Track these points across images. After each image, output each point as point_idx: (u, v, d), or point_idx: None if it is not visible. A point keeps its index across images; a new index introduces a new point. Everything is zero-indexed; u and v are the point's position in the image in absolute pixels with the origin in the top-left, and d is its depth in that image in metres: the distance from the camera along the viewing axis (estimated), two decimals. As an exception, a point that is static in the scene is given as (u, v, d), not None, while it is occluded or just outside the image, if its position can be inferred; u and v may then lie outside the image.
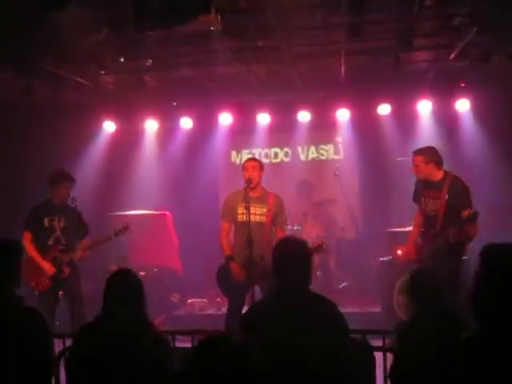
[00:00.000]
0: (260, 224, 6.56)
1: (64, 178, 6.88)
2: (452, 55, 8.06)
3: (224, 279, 6.58)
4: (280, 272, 3.73)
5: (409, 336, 3.96)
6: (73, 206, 6.74)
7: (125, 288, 3.64)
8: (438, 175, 6.44)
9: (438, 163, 6.47)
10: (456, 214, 6.02)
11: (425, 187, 6.57)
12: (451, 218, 6.15)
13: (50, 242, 6.81)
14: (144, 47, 7.24)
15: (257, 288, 6.35)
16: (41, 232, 6.82)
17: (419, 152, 6.55)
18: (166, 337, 3.82)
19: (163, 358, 3.53)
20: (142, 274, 8.99)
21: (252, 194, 6.53)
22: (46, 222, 6.82)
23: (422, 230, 6.71)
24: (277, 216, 6.68)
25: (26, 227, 6.81)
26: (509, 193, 8.94)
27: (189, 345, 4.72)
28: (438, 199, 6.36)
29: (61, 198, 6.87)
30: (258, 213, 6.57)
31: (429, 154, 6.49)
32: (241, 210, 6.58)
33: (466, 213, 5.85)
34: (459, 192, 6.27)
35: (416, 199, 6.79)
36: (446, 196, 6.29)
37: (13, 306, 3.59)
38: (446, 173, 6.45)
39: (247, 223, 6.38)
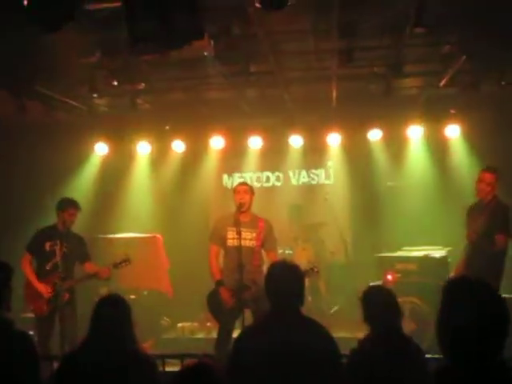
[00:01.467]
0: (250, 248, 6.56)
1: (70, 206, 6.95)
2: (442, 82, 8.13)
3: (214, 304, 6.56)
4: (273, 295, 3.76)
5: (358, 357, 3.89)
6: (78, 234, 6.97)
7: (113, 314, 3.64)
8: None
9: None
10: None
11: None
12: None
13: (48, 267, 6.81)
14: (137, 71, 7.29)
15: (247, 312, 6.35)
16: (41, 256, 6.86)
17: (494, 170, 6.74)
18: (153, 360, 3.82)
19: (151, 379, 3.53)
20: (133, 297, 8.97)
21: (242, 219, 6.53)
22: (48, 246, 6.84)
23: None
24: (267, 240, 6.70)
25: (28, 248, 6.91)
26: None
27: (178, 368, 4.70)
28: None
29: (64, 224, 6.92)
30: (248, 237, 6.57)
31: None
32: (231, 234, 6.58)
33: None
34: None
35: None
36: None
37: (5, 329, 3.58)
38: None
39: (238, 248, 6.39)
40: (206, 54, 6.20)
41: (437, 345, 2.22)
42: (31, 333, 6.82)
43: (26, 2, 4.06)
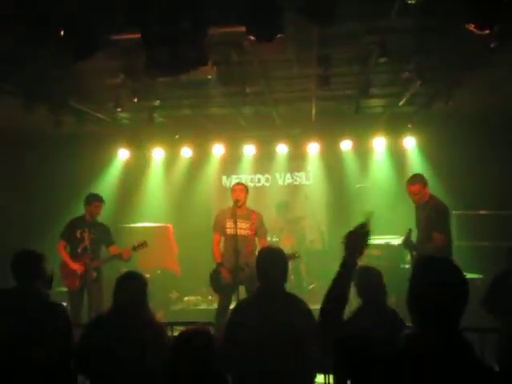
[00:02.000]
0: (245, 237, 6.60)
1: (95, 199, 7.00)
2: (401, 102, 8.16)
3: (215, 280, 6.62)
4: (262, 274, 3.79)
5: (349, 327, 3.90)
6: (103, 223, 7.08)
7: (132, 285, 3.65)
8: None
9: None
10: None
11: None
12: None
13: (79, 250, 6.84)
14: (153, 90, 7.30)
15: (242, 289, 6.38)
16: (73, 241, 6.88)
17: (415, 180, 6.27)
18: (163, 326, 3.88)
19: (160, 338, 3.58)
20: (148, 275, 8.93)
21: (238, 212, 6.58)
22: (78, 233, 6.87)
23: None
24: (258, 229, 6.73)
25: (62, 236, 6.92)
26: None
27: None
28: None
29: (91, 215, 6.97)
30: (243, 227, 6.62)
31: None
32: (229, 224, 6.62)
33: None
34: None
35: None
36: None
37: (39, 300, 3.58)
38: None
39: (234, 236, 6.42)
40: (209, 77, 6.21)
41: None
42: (64, 304, 6.85)
43: (62, 33, 4.07)
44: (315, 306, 3.78)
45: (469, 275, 7.47)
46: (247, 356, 3.49)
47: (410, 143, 9.65)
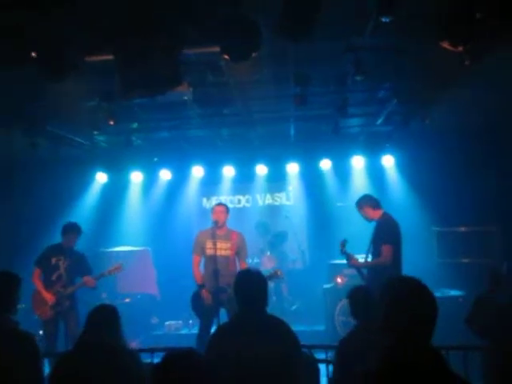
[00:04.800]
0: (226, 257, 6.51)
1: (72, 230, 6.89)
2: (379, 121, 8.19)
3: (196, 303, 6.49)
4: (241, 299, 3.67)
5: (346, 349, 3.84)
6: (79, 251, 6.94)
7: (101, 320, 3.57)
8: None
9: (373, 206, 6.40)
10: None
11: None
12: None
13: (53, 278, 6.70)
14: (131, 113, 7.23)
15: (222, 312, 6.26)
16: (47, 268, 6.75)
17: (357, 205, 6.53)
18: (135, 351, 3.79)
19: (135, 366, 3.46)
20: (127, 300, 8.82)
21: (219, 232, 6.50)
22: (53, 260, 6.75)
23: None
24: (240, 250, 6.64)
25: (36, 264, 6.78)
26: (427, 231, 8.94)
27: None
28: None
29: (68, 243, 6.85)
30: (223, 247, 6.52)
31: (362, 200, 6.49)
32: (209, 245, 6.53)
33: None
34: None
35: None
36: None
37: (10, 329, 3.45)
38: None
39: (214, 257, 6.33)
40: (185, 98, 6.16)
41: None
42: (41, 332, 6.67)
43: (33, 55, 3.99)
44: (298, 327, 3.70)
45: (450, 292, 7.45)
46: (229, 369, 3.36)
47: (389, 161, 9.68)
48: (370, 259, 6.35)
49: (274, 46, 4.91)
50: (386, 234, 6.11)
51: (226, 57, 4.01)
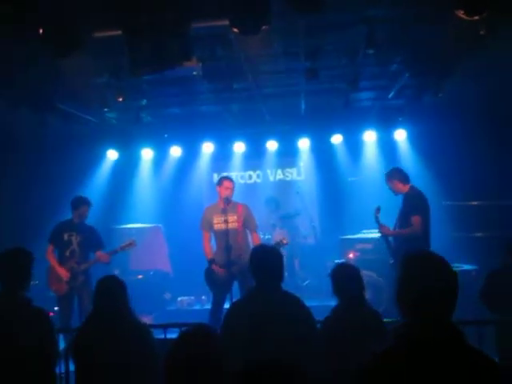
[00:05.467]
0: (234, 230, 6.49)
1: (82, 203, 6.90)
2: (390, 95, 8.08)
3: (209, 278, 6.53)
4: (257, 275, 3.68)
5: (329, 327, 3.80)
6: (90, 225, 6.95)
7: (108, 290, 3.60)
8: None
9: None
10: None
11: None
12: None
13: (67, 254, 6.75)
14: (140, 89, 7.18)
15: (235, 286, 6.29)
16: (60, 245, 6.79)
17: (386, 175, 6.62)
18: (145, 325, 3.82)
19: (144, 340, 3.51)
20: (140, 276, 8.89)
21: (226, 207, 6.47)
22: (66, 236, 6.78)
23: None
24: (247, 221, 6.62)
25: (49, 240, 6.82)
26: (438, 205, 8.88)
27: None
28: None
29: (79, 218, 6.87)
30: (230, 220, 6.49)
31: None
32: (217, 220, 6.53)
33: None
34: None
35: None
36: None
37: (24, 305, 3.49)
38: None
39: (225, 231, 6.33)
40: (195, 73, 6.10)
41: (390, 309, 2.15)
42: (56, 308, 6.75)
43: (41, 31, 3.95)
44: (310, 303, 3.70)
45: (463, 267, 7.42)
46: (245, 348, 3.38)
47: (401, 135, 9.59)
48: None
49: (284, 19, 4.84)
50: (416, 205, 6.24)
51: (236, 30, 3.95)
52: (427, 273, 2.13)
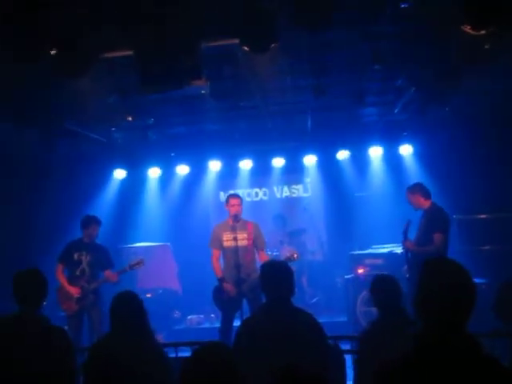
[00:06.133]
0: (244, 247, 6.49)
1: (92, 222, 6.93)
2: (396, 110, 8.12)
3: (218, 297, 6.50)
4: (268, 291, 3.67)
5: (369, 339, 3.80)
6: (101, 244, 6.98)
7: (128, 307, 3.56)
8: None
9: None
10: None
11: None
12: None
13: (77, 273, 6.77)
14: (147, 108, 7.24)
15: (244, 304, 6.28)
16: (70, 264, 6.81)
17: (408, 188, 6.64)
18: (162, 348, 3.76)
19: (163, 364, 3.46)
20: (149, 295, 8.86)
21: (236, 224, 6.49)
22: (76, 256, 6.80)
23: None
24: (256, 239, 6.62)
25: (59, 260, 6.83)
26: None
27: (189, 354, 4.62)
28: None
29: (89, 237, 6.90)
30: (240, 238, 6.49)
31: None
32: (227, 237, 6.53)
33: None
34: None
35: None
36: None
37: (43, 325, 3.49)
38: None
39: (235, 249, 6.34)
40: (203, 92, 6.16)
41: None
42: (65, 328, 6.73)
43: (52, 52, 4.00)
44: (320, 319, 3.69)
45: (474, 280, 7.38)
46: (256, 363, 3.36)
47: (407, 150, 9.61)
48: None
49: (291, 36, 4.90)
50: (439, 222, 6.25)
51: (246, 48, 4.00)
52: (446, 280, 2.14)
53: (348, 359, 4.50)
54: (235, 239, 6.37)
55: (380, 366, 2.17)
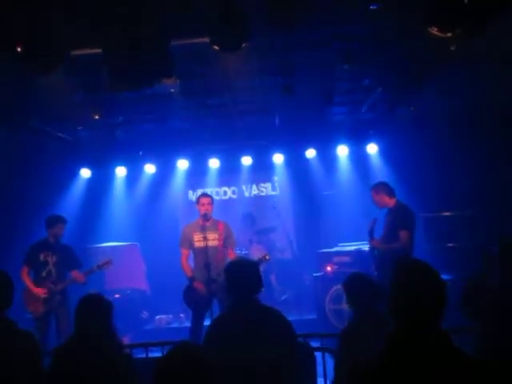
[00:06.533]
0: (214, 248, 6.50)
1: (57, 221, 6.81)
2: (363, 109, 8.22)
3: (189, 296, 6.49)
4: (233, 289, 3.66)
5: (349, 339, 3.77)
6: (66, 244, 6.86)
7: (90, 312, 3.49)
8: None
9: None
10: None
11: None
12: None
13: (43, 274, 6.65)
14: (115, 106, 7.15)
15: (214, 303, 6.28)
16: (36, 266, 6.69)
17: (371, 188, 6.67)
18: (127, 351, 3.74)
19: (127, 365, 3.43)
20: (117, 296, 8.76)
21: (206, 224, 6.48)
22: (42, 257, 6.68)
23: None
24: (227, 239, 6.65)
25: (24, 262, 6.70)
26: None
27: (159, 354, 4.60)
28: None
29: (55, 237, 6.79)
30: (211, 238, 6.50)
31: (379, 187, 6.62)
32: (197, 237, 6.53)
33: None
34: None
35: None
36: None
37: (11, 329, 3.41)
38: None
39: (205, 249, 6.33)
40: (172, 90, 6.12)
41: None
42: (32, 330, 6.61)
43: (19, 49, 3.92)
44: (289, 317, 3.68)
45: (439, 276, 7.53)
46: (226, 362, 3.36)
47: (373, 149, 9.74)
48: None
49: (259, 35, 4.90)
50: (404, 220, 6.29)
51: (216, 47, 3.99)
52: (417, 279, 2.21)
53: (318, 356, 4.54)
54: (205, 239, 6.38)
55: (354, 365, 2.22)
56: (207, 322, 5.68)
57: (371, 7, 4.05)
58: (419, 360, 2.07)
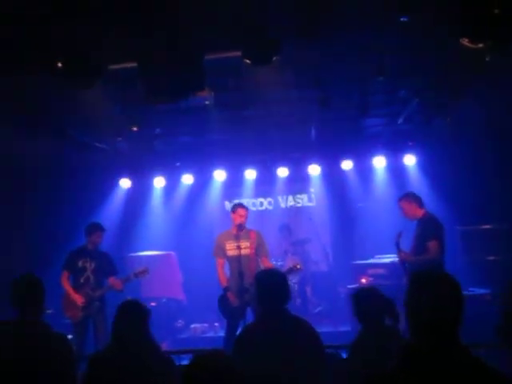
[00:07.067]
0: (247, 256, 6.54)
1: (96, 229, 6.99)
2: (400, 120, 8.16)
3: (223, 305, 6.55)
4: (262, 300, 3.67)
5: (356, 352, 3.70)
6: (104, 251, 7.04)
7: (132, 315, 3.50)
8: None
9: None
10: None
11: None
12: None
13: (82, 280, 6.81)
14: (153, 118, 7.32)
15: (249, 311, 6.32)
16: (75, 271, 6.86)
17: (400, 198, 6.64)
18: (169, 356, 3.70)
19: (168, 373, 3.44)
20: (153, 304, 8.89)
21: (240, 233, 6.54)
22: (80, 263, 6.85)
23: None
24: (259, 247, 6.67)
25: (64, 267, 6.88)
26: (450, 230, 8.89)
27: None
28: None
29: (93, 244, 6.96)
30: (243, 246, 6.55)
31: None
32: (230, 246, 6.60)
33: None
34: None
35: None
36: None
37: (43, 331, 3.51)
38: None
39: (238, 257, 6.40)
40: (207, 102, 6.23)
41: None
42: (70, 336, 6.77)
43: (59, 65, 4.09)
44: (322, 329, 3.66)
45: (478, 291, 7.39)
46: (254, 371, 3.39)
47: (411, 160, 9.64)
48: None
49: (293, 48, 4.96)
50: (433, 230, 6.23)
51: (248, 61, 4.07)
52: (442, 291, 2.18)
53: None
54: (238, 248, 6.43)
55: (368, 378, 2.20)
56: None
57: (401, 19, 4.05)
58: (443, 373, 2.05)
